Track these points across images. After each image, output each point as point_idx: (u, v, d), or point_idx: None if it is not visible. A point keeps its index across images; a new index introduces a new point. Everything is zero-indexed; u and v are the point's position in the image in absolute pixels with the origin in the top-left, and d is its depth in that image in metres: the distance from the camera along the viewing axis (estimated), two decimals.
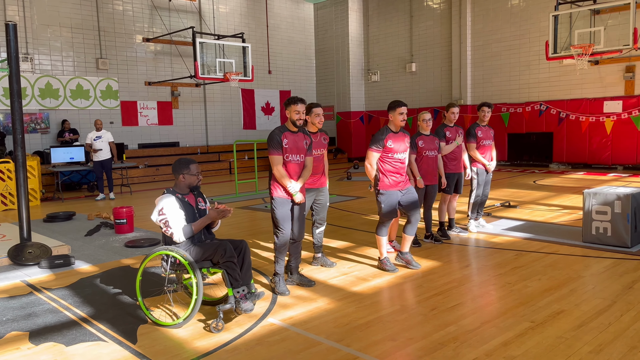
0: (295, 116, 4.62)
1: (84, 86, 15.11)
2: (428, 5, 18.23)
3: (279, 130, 4.69)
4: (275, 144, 4.61)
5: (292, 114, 4.64)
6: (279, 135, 4.63)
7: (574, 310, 4.07)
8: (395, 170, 5.19)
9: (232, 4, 18.57)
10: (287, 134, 4.67)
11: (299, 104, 4.63)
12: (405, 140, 5.24)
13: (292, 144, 4.66)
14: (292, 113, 4.64)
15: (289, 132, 4.69)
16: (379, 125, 19.38)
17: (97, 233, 7.76)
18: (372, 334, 3.76)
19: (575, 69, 13.93)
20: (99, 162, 11.44)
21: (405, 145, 5.23)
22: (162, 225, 4.01)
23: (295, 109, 4.62)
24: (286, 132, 4.68)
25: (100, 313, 4.33)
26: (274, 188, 4.71)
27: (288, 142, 4.64)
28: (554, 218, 7.84)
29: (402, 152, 5.21)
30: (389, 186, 5.18)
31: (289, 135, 4.67)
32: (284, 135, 4.64)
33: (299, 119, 4.63)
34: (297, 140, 4.69)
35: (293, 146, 4.66)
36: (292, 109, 4.63)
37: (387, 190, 5.18)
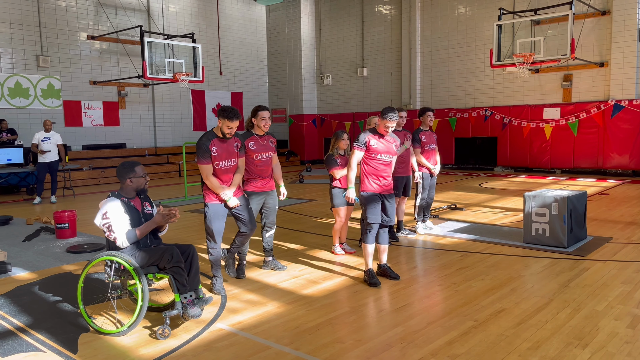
0: (226, 130, 4.55)
1: (24, 84, 14.42)
2: (379, 10, 18.55)
3: (207, 137, 4.60)
4: (204, 153, 4.56)
5: (223, 127, 4.55)
6: (207, 144, 4.56)
7: (514, 308, 4.24)
8: (377, 172, 4.97)
9: (182, 4, 18.24)
10: (215, 141, 4.61)
11: (234, 119, 4.51)
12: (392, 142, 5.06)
13: (221, 151, 4.62)
14: (224, 127, 4.54)
15: (217, 139, 4.63)
16: (332, 128, 19.53)
17: (37, 238, 7.42)
18: (320, 336, 3.78)
19: (517, 77, 14.53)
20: (46, 164, 10.95)
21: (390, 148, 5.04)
22: (105, 229, 3.88)
23: (229, 125, 4.52)
24: (214, 139, 4.62)
25: (38, 322, 4.14)
26: (207, 194, 4.72)
27: (217, 149, 4.60)
28: (497, 220, 8.15)
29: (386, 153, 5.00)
30: (372, 189, 4.95)
31: (217, 142, 4.62)
32: (212, 143, 4.58)
33: (229, 133, 4.57)
34: (226, 146, 4.67)
35: (223, 152, 4.64)
36: (226, 123, 4.52)
37: (367, 192, 4.96)
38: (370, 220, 4.91)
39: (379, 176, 4.96)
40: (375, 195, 4.95)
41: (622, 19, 13.48)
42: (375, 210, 4.91)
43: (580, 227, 6.46)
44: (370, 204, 4.92)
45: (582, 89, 14.49)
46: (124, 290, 4.06)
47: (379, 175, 4.96)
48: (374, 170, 4.95)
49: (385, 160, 4.97)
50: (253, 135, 5.16)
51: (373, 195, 4.94)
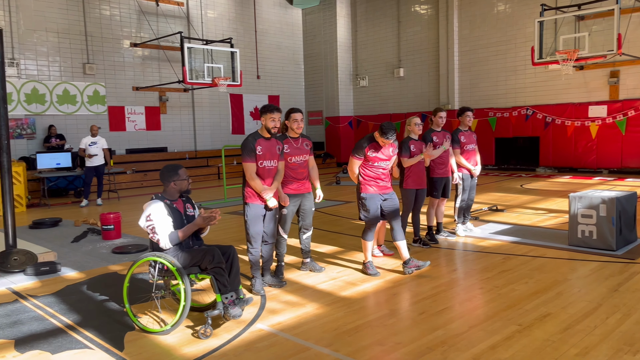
0: (270, 124, 4.69)
1: (71, 91, 14.99)
2: (415, 10, 18.37)
3: (253, 137, 4.76)
4: (250, 152, 4.68)
5: (267, 122, 4.71)
6: (252, 142, 4.70)
7: (560, 313, 4.11)
8: (376, 176, 5.33)
9: (221, 9, 18.57)
10: (261, 141, 4.75)
11: (275, 111, 4.69)
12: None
13: (265, 150, 4.74)
14: (268, 121, 4.70)
15: (262, 139, 4.77)
16: (368, 129, 19.45)
17: (84, 239, 7.69)
18: (360, 338, 3.76)
19: (560, 74, 14.10)
20: (93, 168, 11.39)
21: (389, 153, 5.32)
22: (149, 231, 3.99)
23: (272, 117, 4.68)
24: (260, 138, 4.76)
25: (86, 320, 4.29)
26: (248, 194, 4.80)
27: (262, 148, 4.72)
28: (540, 222, 7.92)
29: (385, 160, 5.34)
30: (372, 191, 5.30)
31: (263, 141, 4.76)
32: (258, 142, 4.73)
33: (274, 126, 4.70)
34: (270, 146, 4.79)
35: (267, 152, 4.75)
36: (268, 117, 4.69)
37: (368, 194, 5.29)
38: (371, 221, 5.35)
39: (378, 179, 5.33)
40: (375, 195, 5.31)
41: None
42: (375, 211, 5.31)
43: (630, 230, 6.20)
44: (371, 205, 5.28)
45: (630, 85, 13.93)
46: (167, 290, 4.16)
47: (377, 178, 5.33)
48: (374, 174, 5.32)
49: (383, 166, 5.34)
50: (287, 138, 5.21)
51: (373, 196, 5.30)
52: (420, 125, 6.18)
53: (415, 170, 6.15)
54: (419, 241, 6.49)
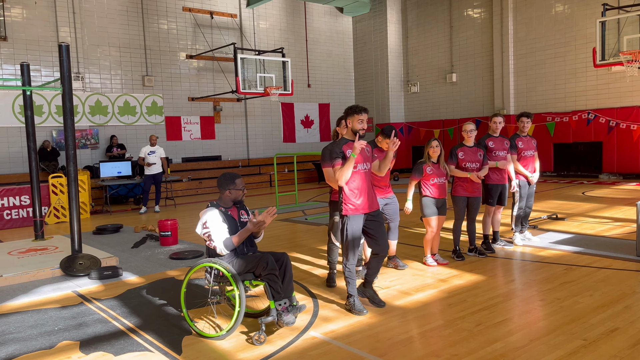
0: (358, 125, 4.40)
1: (131, 103, 15.67)
2: (468, 15, 18.02)
3: (337, 144, 4.47)
4: (335, 156, 4.37)
5: (354, 124, 4.41)
6: (339, 147, 4.41)
7: (629, 327, 3.88)
8: None
9: (272, 20, 18.91)
10: (352, 144, 4.40)
11: (362, 112, 4.40)
12: None
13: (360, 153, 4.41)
14: (355, 122, 4.41)
15: (351, 142, 4.44)
16: (419, 136, 19.20)
17: (143, 245, 7.98)
18: (415, 349, 3.69)
19: (624, 76, 13.41)
20: (151, 176, 11.84)
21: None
22: (205, 238, 4.09)
23: (359, 118, 4.39)
24: (350, 142, 4.45)
25: (146, 323, 4.44)
26: (345, 204, 4.43)
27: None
28: (605, 231, 7.53)
29: None
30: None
31: (351, 145, 4.41)
32: (348, 146, 4.42)
33: (362, 128, 4.41)
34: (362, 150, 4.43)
35: (360, 155, 4.41)
36: (356, 118, 4.40)
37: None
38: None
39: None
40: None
41: None
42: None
43: None
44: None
45: None
46: (223, 296, 4.24)
47: None
48: (377, 177, 5.19)
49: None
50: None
51: None
52: (471, 132, 6.04)
53: (465, 177, 6.02)
54: (474, 250, 6.31)
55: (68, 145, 6.59)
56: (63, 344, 4.07)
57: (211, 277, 4.08)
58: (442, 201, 5.84)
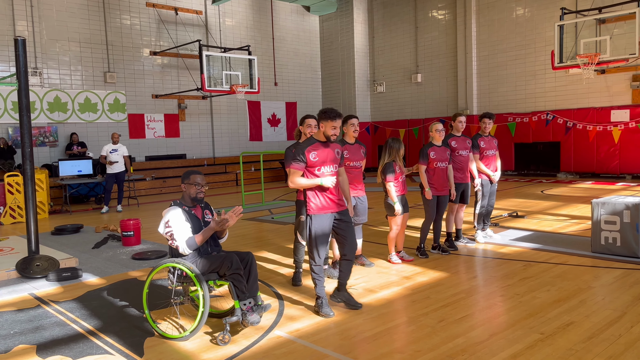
0: (330, 131, 4.33)
1: (92, 99, 15.26)
2: (433, 16, 18.31)
3: (302, 146, 4.40)
4: (298, 160, 4.31)
5: (327, 129, 4.33)
6: (302, 150, 4.34)
7: (584, 321, 4.02)
8: None
9: (239, 17, 18.75)
10: (317, 146, 4.38)
11: (337, 119, 4.32)
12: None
13: (322, 156, 4.36)
14: (328, 128, 4.32)
15: (318, 143, 4.40)
16: (385, 135, 19.40)
17: (105, 245, 7.79)
18: (379, 346, 3.73)
19: (581, 78, 13.91)
20: (113, 175, 11.56)
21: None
22: (168, 237, 4.02)
23: (333, 125, 4.31)
24: (317, 143, 4.40)
25: (107, 326, 4.33)
26: (309, 203, 4.38)
27: (317, 154, 4.35)
28: (562, 228, 7.78)
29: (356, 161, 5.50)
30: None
31: (318, 146, 4.39)
32: (313, 147, 4.36)
33: (334, 134, 4.35)
34: (328, 152, 4.41)
35: (323, 157, 4.36)
36: (329, 124, 4.31)
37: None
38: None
39: None
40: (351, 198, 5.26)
41: None
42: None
43: None
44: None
45: None
46: (186, 297, 4.19)
47: None
48: (351, 176, 5.36)
49: (357, 165, 5.48)
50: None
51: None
52: (442, 131, 6.15)
53: (436, 177, 6.13)
54: (437, 247, 6.43)
55: (24, 143, 6.37)
56: (19, 348, 3.94)
57: (174, 277, 4.02)
58: (404, 198, 5.92)
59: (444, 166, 6.18)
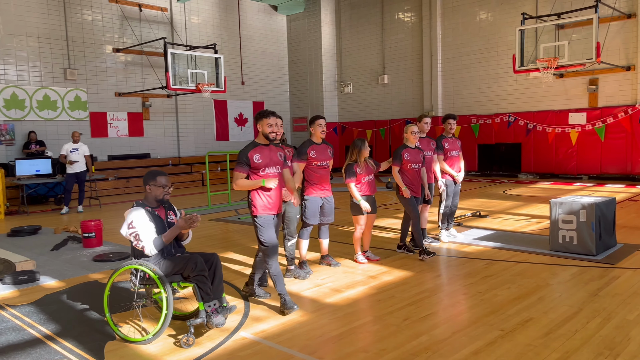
0: (267, 129, 4.43)
1: (52, 97, 14.79)
2: (399, 18, 18.53)
3: (246, 149, 4.48)
4: (241, 162, 4.41)
5: (264, 128, 4.44)
6: (246, 153, 4.41)
7: (542, 317, 4.15)
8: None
9: (205, 15, 18.52)
10: (259, 149, 4.47)
11: (271, 116, 4.45)
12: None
13: (265, 159, 4.46)
14: (265, 126, 4.44)
15: (261, 146, 4.50)
16: (353, 136, 19.51)
17: (64, 247, 7.56)
18: (345, 345, 3.75)
19: (541, 82, 14.33)
20: (74, 174, 11.23)
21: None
22: (132, 239, 3.93)
23: (268, 122, 4.42)
24: (258, 146, 4.49)
25: (66, 330, 4.21)
26: (254, 204, 4.48)
27: (261, 156, 4.44)
28: (522, 227, 8.00)
29: (325, 160, 5.62)
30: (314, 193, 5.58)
31: (261, 149, 4.48)
32: (255, 151, 4.45)
33: (272, 132, 4.44)
34: (270, 154, 4.51)
35: (266, 160, 4.46)
36: (265, 122, 4.44)
37: (311, 196, 5.55)
38: (309, 221, 5.61)
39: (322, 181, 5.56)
40: (317, 198, 5.56)
41: None
42: (314, 212, 5.57)
43: (609, 235, 6.30)
44: (312, 206, 5.55)
45: (609, 93, 14.20)
46: (149, 299, 4.11)
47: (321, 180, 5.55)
48: (318, 176, 5.53)
49: (324, 165, 5.59)
50: None
51: (315, 199, 5.55)
52: (416, 133, 6.16)
53: (409, 178, 6.15)
54: (403, 247, 6.50)
55: None
56: None
57: (137, 279, 3.94)
58: (372, 198, 5.96)
59: (418, 168, 6.20)
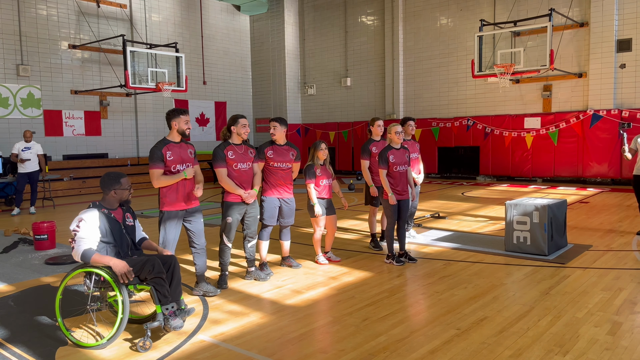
0: (184, 126, 4.70)
1: (3, 94, 14.21)
2: (362, 21, 18.71)
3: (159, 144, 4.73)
4: (157, 158, 4.65)
5: (181, 124, 4.69)
6: (160, 148, 4.65)
7: (496, 316, 4.27)
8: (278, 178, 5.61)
9: (166, 13, 18.19)
10: (171, 146, 4.70)
11: (186, 114, 4.76)
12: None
13: (176, 156, 4.70)
14: (182, 123, 4.69)
15: (172, 144, 4.72)
16: (315, 137, 19.57)
17: (15, 250, 7.27)
18: (304, 347, 3.75)
19: (498, 87, 14.75)
20: (26, 174, 10.81)
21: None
22: (72, 235, 3.81)
23: (185, 119, 4.71)
24: (170, 143, 4.71)
25: (15, 335, 4.05)
26: (163, 199, 4.80)
27: (172, 153, 4.67)
28: (479, 228, 8.21)
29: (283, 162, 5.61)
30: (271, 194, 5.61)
31: (173, 146, 4.71)
32: (167, 148, 4.69)
33: (188, 128, 4.73)
34: (181, 152, 4.73)
35: (177, 157, 4.71)
36: (182, 119, 4.70)
37: (268, 197, 5.58)
38: (266, 222, 5.59)
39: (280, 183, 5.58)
40: (274, 199, 5.57)
41: (599, 31, 13.79)
42: (272, 213, 5.57)
43: (560, 235, 6.54)
44: (269, 207, 5.55)
45: (562, 99, 14.76)
46: (104, 302, 4.00)
47: (277, 181, 5.57)
48: (275, 177, 5.55)
49: (282, 167, 5.58)
50: (231, 145, 5.17)
51: (272, 200, 5.56)
52: (400, 133, 5.87)
53: (396, 180, 5.89)
54: (405, 255, 6.09)
55: None
56: None
57: (91, 282, 3.83)
58: (329, 201, 5.99)
59: (404, 169, 5.96)
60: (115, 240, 3.92)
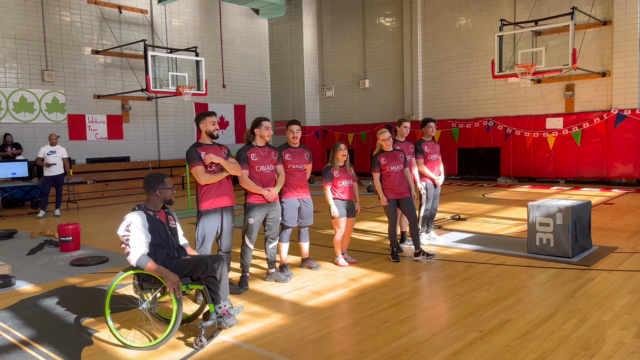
0: (211, 127, 4.79)
1: (28, 99, 14.53)
2: (380, 23, 18.68)
3: (194, 147, 4.82)
4: (197, 158, 4.74)
5: (208, 126, 4.79)
6: (195, 150, 4.77)
7: (519, 319, 4.21)
8: None
9: (186, 18, 18.41)
10: (204, 148, 4.79)
11: (213, 115, 4.85)
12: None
13: (209, 154, 4.76)
14: (208, 124, 4.79)
15: (205, 145, 4.82)
16: (334, 139, 19.57)
17: (41, 251, 7.43)
18: (325, 348, 3.76)
19: (519, 87, 14.56)
20: (51, 178, 11.04)
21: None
22: (123, 240, 3.83)
23: (212, 120, 4.81)
24: (202, 145, 4.82)
25: (42, 335, 4.14)
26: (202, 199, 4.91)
27: (206, 154, 4.77)
28: (501, 230, 8.11)
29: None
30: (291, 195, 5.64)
31: (206, 148, 4.80)
32: (203, 149, 4.80)
33: (216, 129, 4.82)
34: (214, 153, 4.83)
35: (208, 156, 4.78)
36: (208, 120, 4.78)
37: (288, 199, 5.61)
38: (287, 224, 5.60)
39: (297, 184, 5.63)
40: (295, 200, 5.59)
41: (623, 29, 13.53)
42: (292, 214, 5.58)
43: (585, 237, 6.42)
44: (290, 208, 5.56)
45: (585, 98, 14.50)
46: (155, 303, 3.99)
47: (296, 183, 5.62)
48: (293, 178, 5.60)
49: (300, 168, 5.66)
50: (254, 147, 5.22)
51: (292, 201, 5.59)
52: (388, 139, 6.15)
53: (392, 180, 6.10)
54: (421, 253, 6.20)
55: None
56: None
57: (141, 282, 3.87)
58: (350, 203, 5.99)
59: (399, 169, 6.12)
60: (163, 242, 3.94)
